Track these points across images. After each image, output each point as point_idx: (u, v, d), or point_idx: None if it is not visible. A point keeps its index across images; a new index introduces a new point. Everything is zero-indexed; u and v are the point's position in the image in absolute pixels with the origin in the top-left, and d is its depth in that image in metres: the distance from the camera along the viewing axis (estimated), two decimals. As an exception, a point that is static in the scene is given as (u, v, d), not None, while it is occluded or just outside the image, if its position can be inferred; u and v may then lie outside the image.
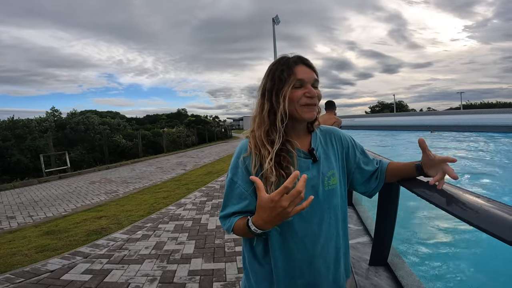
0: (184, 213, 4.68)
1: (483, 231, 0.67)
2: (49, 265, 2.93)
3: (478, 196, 0.85)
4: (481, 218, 0.72)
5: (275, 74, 0.88)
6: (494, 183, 6.27)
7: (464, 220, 0.75)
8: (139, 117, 43.12)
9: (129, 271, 2.77)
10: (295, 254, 0.87)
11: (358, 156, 1.01)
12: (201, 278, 2.59)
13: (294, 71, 0.86)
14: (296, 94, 0.86)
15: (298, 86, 0.87)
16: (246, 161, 0.88)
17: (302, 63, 0.88)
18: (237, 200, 0.87)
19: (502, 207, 0.73)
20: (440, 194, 0.89)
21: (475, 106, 46.36)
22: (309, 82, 0.87)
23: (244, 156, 0.88)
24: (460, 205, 0.82)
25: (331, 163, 0.93)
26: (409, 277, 1.50)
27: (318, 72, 0.91)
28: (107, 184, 8.11)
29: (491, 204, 0.77)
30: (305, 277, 0.88)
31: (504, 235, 0.60)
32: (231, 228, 0.86)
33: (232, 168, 0.90)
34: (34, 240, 3.81)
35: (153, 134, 20.18)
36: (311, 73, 0.88)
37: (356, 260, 1.79)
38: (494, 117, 20.00)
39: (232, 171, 0.90)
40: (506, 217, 0.67)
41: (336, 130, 1.02)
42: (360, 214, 2.62)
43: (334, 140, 0.99)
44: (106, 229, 4.07)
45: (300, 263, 0.87)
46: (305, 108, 0.87)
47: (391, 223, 1.53)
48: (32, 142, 13.16)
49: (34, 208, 5.77)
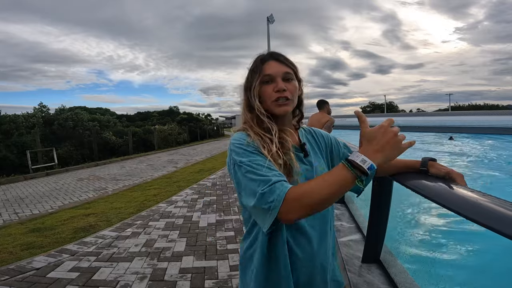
0: (175, 210, 4.62)
1: (480, 224, 0.67)
2: (34, 263, 2.86)
3: (472, 191, 0.85)
4: (477, 211, 0.71)
5: (249, 72, 0.91)
6: (481, 183, 6.41)
7: (459, 214, 0.75)
8: (130, 114, 42.52)
9: (118, 268, 2.71)
10: (293, 249, 0.84)
11: (342, 151, 1.03)
12: (193, 276, 2.56)
13: (263, 67, 0.88)
14: (267, 90, 0.87)
15: (267, 81, 0.87)
16: (253, 144, 0.81)
17: (273, 58, 0.89)
18: (270, 171, 0.74)
19: (496, 201, 0.73)
20: (434, 188, 0.89)
21: (463, 108, 47.40)
22: (277, 76, 0.87)
23: (248, 140, 0.82)
24: (455, 199, 0.81)
25: (320, 158, 0.95)
26: (401, 274, 1.51)
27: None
28: (95, 181, 7.96)
29: (486, 198, 0.77)
30: (302, 274, 0.86)
31: (503, 228, 0.60)
32: (283, 196, 0.67)
33: (241, 153, 0.79)
34: (19, 237, 3.70)
35: (144, 131, 19.89)
36: (280, 67, 0.88)
37: (349, 258, 1.79)
38: (481, 118, 20.51)
39: (243, 156, 0.78)
40: (503, 211, 0.67)
41: (317, 129, 1.05)
42: (352, 212, 2.63)
43: (317, 137, 1.01)
44: (94, 227, 3.99)
45: (297, 259, 0.85)
46: (275, 103, 0.86)
47: (384, 221, 1.53)
48: (19, 138, 12.81)
49: (20, 205, 5.62)
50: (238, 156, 0.78)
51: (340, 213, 2.65)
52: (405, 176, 1.03)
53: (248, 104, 0.90)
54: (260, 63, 0.89)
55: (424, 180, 0.97)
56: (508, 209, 0.65)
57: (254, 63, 0.91)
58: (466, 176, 0.92)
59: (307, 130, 1.03)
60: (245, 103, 0.91)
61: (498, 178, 6.84)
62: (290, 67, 0.89)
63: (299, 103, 0.95)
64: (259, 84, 0.87)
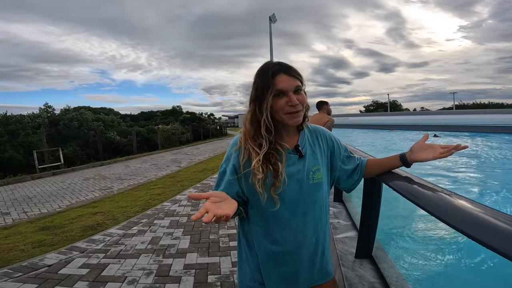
0: (179, 209, 4.75)
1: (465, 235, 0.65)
2: (46, 260, 2.99)
3: (462, 198, 0.82)
4: (460, 220, 0.70)
5: (258, 84, 0.94)
6: (481, 182, 6.46)
7: (439, 219, 0.76)
8: (133, 113, 42.75)
9: (126, 265, 2.84)
10: (279, 242, 0.96)
11: (342, 154, 1.11)
12: (196, 272, 2.68)
13: (274, 81, 0.91)
14: (279, 103, 0.92)
15: (280, 95, 0.92)
16: (236, 154, 0.98)
17: (283, 72, 0.93)
18: (226, 187, 0.96)
19: (489, 212, 0.70)
20: (418, 191, 0.98)
21: (467, 107, 47.03)
22: (290, 90, 0.92)
23: (234, 149, 0.98)
24: (433, 201, 0.90)
25: (317, 160, 1.02)
26: (390, 269, 1.61)
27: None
28: (101, 181, 8.12)
29: (475, 207, 0.74)
30: (289, 266, 0.98)
31: (494, 243, 0.58)
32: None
33: (225, 160, 1.01)
34: (30, 235, 3.85)
35: (148, 130, 20.07)
36: (291, 81, 0.92)
37: (343, 253, 1.90)
38: (486, 117, 20.41)
39: (226, 163, 1.00)
40: (497, 224, 0.62)
41: (323, 130, 1.11)
42: (349, 210, 2.73)
43: (321, 139, 1.07)
44: (101, 225, 4.13)
45: (283, 251, 0.97)
46: (289, 115, 0.94)
47: (375, 218, 1.63)
48: (25, 138, 13.02)
49: (29, 204, 5.79)
50: (224, 159, 1.02)
51: (337, 211, 2.76)
52: (391, 177, 1.14)
53: (253, 115, 0.96)
54: (271, 77, 0.91)
55: (406, 181, 1.08)
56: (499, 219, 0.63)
57: (265, 75, 0.93)
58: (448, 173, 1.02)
59: (312, 130, 1.08)
60: (251, 114, 0.96)
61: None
62: (298, 79, 0.94)
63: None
64: (272, 99, 0.91)
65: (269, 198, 0.92)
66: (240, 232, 1.06)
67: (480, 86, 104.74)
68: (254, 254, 1.01)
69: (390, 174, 1.15)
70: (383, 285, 1.50)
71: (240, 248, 1.06)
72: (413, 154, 1.02)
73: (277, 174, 0.91)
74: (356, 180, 1.12)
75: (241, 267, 1.06)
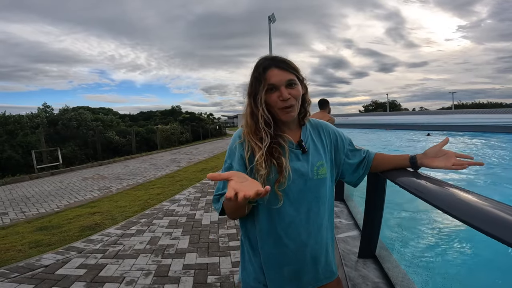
0: (178, 209, 4.71)
1: (475, 228, 0.63)
2: (43, 260, 2.95)
3: (468, 192, 0.81)
4: (470, 214, 0.69)
5: (252, 79, 0.94)
6: (482, 181, 6.44)
7: (451, 215, 0.76)
8: (133, 113, 42.69)
9: (124, 265, 2.80)
10: (283, 240, 0.92)
11: (346, 148, 1.08)
12: (196, 272, 2.64)
13: (266, 76, 0.90)
14: (272, 98, 0.91)
15: (272, 89, 0.91)
16: (240, 147, 0.94)
17: (274, 66, 0.91)
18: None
19: (496, 205, 0.69)
20: (425, 186, 0.94)
21: (466, 106, 47.11)
22: (281, 84, 0.90)
23: (238, 142, 0.95)
24: (443, 197, 0.87)
25: (320, 155, 0.99)
26: (395, 269, 1.57)
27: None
28: (100, 181, 8.08)
29: (483, 201, 0.73)
30: (292, 265, 0.94)
31: (501, 234, 0.57)
32: (220, 207, 0.91)
33: (229, 154, 0.96)
34: (27, 236, 3.80)
35: (147, 130, 20.04)
36: (283, 75, 0.90)
37: (346, 253, 1.86)
38: (485, 117, 20.43)
39: (230, 157, 0.95)
40: (504, 217, 0.61)
41: (325, 124, 1.08)
42: (350, 209, 2.69)
43: (323, 134, 1.04)
44: (100, 225, 4.09)
45: (287, 250, 0.93)
46: (282, 111, 0.92)
47: (379, 217, 1.60)
48: (24, 138, 12.98)
49: (26, 204, 5.74)
50: (227, 154, 0.97)
51: (339, 211, 2.72)
52: (396, 174, 1.10)
53: (251, 110, 0.94)
54: (263, 72, 0.91)
55: (412, 177, 1.04)
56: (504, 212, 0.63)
57: (257, 70, 0.93)
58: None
59: (314, 125, 1.06)
60: (249, 109, 0.95)
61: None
62: (292, 72, 0.92)
63: (303, 101, 0.98)
64: (265, 94, 0.91)
65: (273, 194, 0.88)
66: (242, 232, 1.02)
67: (479, 86, 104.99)
68: (257, 254, 0.97)
69: (393, 170, 1.11)
70: (388, 285, 1.46)
71: (243, 249, 1.02)
72: (426, 159, 0.99)
73: (281, 169, 0.88)
74: (362, 174, 1.09)
75: (244, 267, 1.02)
